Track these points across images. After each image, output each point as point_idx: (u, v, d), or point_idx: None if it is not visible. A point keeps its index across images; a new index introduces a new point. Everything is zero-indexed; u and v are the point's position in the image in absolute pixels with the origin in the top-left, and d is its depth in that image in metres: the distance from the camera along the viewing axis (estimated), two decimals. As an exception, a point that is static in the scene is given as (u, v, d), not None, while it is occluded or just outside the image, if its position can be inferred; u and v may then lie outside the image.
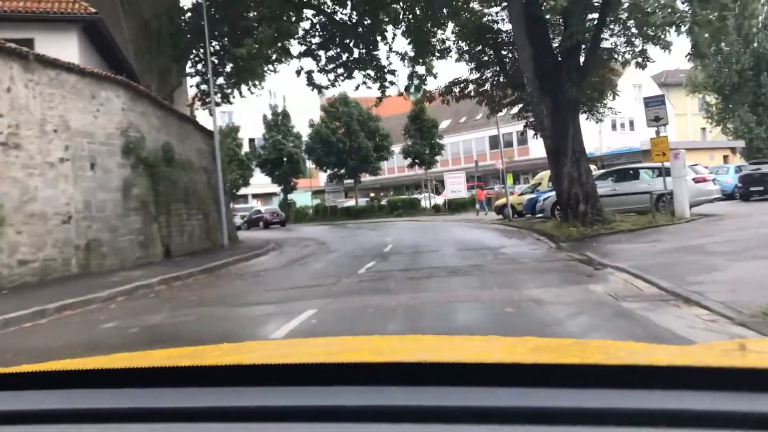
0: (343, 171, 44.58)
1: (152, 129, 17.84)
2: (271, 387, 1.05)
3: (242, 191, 62.81)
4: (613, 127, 54.68)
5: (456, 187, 37.96)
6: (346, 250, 18.00)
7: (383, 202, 44.48)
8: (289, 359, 1.28)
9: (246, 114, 59.87)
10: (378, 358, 1.20)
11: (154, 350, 1.83)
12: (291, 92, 48.20)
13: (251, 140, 58.23)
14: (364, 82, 24.17)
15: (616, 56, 18.38)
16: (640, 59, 17.71)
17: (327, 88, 24.52)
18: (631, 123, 56.79)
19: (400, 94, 24.37)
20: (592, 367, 1.03)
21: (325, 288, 9.91)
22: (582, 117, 19.00)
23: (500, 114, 23.60)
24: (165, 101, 22.46)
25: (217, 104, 27.47)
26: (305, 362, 1.17)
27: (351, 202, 46.95)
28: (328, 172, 45.44)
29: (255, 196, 69.33)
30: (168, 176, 17.85)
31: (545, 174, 27.56)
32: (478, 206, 35.42)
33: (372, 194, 54.98)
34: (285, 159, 49.29)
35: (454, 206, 38.34)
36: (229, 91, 27.94)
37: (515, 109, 21.22)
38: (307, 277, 12.08)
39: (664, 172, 17.35)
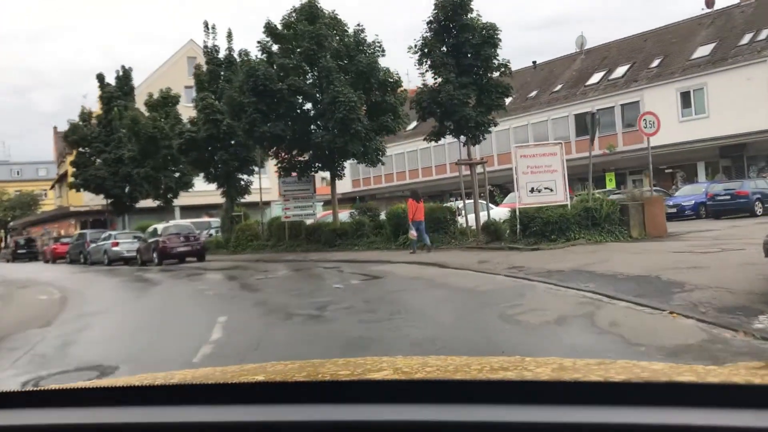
0: (306, 157, 22.57)
1: None
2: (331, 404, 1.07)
3: (196, 200, 40.84)
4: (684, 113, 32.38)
5: (539, 181, 15.51)
6: None
7: (381, 215, 21.90)
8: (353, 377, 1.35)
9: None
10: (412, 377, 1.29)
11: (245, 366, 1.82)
12: (245, 28, 26.47)
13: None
14: None
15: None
16: None
17: None
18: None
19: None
20: (615, 384, 1.06)
21: None
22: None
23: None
24: None
25: None
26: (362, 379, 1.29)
27: (329, 217, 24.73)
28: (279, 160, 23.23)
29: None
30: None
31: None
32: (413, 232, 16.68)
33: (372, 203, 32.41)
34: (227, 137, 27.72)
35: (536, 229, 15.77)
36: None
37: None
38: None
39: None
